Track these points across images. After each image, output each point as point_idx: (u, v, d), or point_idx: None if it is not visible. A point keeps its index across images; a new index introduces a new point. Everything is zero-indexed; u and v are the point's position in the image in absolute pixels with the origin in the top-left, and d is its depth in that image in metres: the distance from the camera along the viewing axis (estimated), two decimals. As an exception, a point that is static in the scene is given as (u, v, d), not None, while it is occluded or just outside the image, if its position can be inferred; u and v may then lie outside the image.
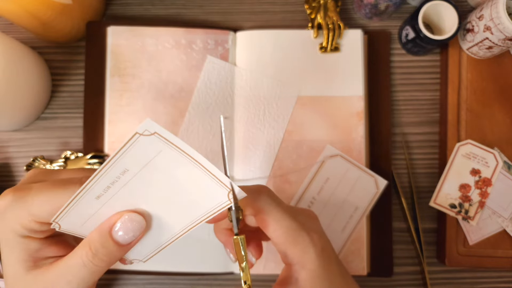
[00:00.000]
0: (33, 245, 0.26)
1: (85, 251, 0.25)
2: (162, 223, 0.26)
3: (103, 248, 0.25)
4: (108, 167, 0.23)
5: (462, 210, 0.48)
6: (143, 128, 0.21)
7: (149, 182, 0.24)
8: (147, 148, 0.22)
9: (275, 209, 0.28)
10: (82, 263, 0.25)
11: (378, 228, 0.48)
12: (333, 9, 0.50)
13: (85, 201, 0.24)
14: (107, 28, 0.49)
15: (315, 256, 0.27)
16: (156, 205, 0.26)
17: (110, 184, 0.24)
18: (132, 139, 0.22)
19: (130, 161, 0.23)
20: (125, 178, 0.24)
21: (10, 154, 0.50)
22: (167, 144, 0.22)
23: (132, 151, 0.22)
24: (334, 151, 0.48)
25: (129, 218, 0.25)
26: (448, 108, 0.49)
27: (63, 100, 0.51)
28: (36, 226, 0.25)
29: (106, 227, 0.25)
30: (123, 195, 0.25)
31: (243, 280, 0.25)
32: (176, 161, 0.23)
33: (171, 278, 0.49)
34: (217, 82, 0.49)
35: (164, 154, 0.23)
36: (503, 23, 0.42)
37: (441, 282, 0.50)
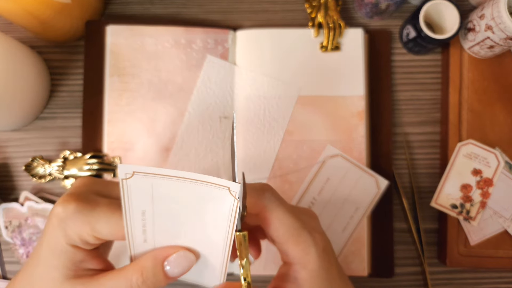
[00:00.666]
0: (79, 255, 0.26)
1: (136, 276, 0.26)
2: (205, 254, 0.27)
3: (153, 277, 0.26)
4: (128, 215, 0.24)
5: (463, 211, 0.47)
6: (123, 173, 0.22)
7: (168, 213, 0.25)
8: (140, 187, 0.23)
9: (277, 207, 0.27)
10: (130, 286, 0.26)
11: (378, 229, 0.48)
12: (334, 8, 0.50)
13: (138, 245, 0.25)
14: (106, 27, 0.49)
15: (317, 256, 0.27)
16: (190, 234, 0.26)
17: (143, 227, 0.25)
18: (123, 187, 0.23)
19: (139, 203, 0.24)
20: (148, 217, 0.25)
21: (9, 154, 0.50)
22: (151, 177, 0.23)
23: (132, 195, 0.23)
24: (335, 151, 0.48)
25: (183, 255, 0.26)
26: (449, 107, 0.49)
27: (62, 99, 0.51)
28: (92, 240, 0.26)
29: (161, 258, 0.26)
30: (160, 232, 0.25)
31: (243, 277, 0.25)
32: (171, 187, 0.24)
33: (171, 279, 0.48)
34: (217, 82, 0.49)
35: (157, 185, 0.23)
36: (505, 22, 0.42)
37: (442, 282, 0.49)
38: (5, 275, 0.48)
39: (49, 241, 0.26)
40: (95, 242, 0.26)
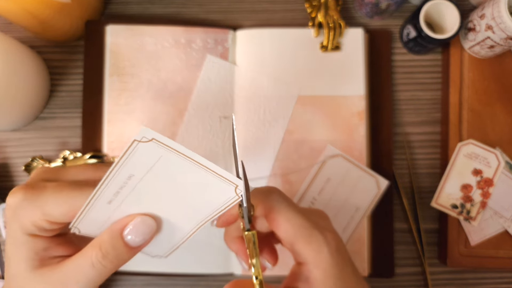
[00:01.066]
0: (40, 244, 0.26)
1: (95, 252, 0.25)
2: (172, 225, 0.27)
3: (113, 250, 0.25)
4: (114, 173, 0.23)
5: (463, 211, 0.47)
6: (141, 135, 0.22)
7: (155, 186, 0.24)
8: (148, 154, 0.23)
9: (286, 208, 0.27)
10: (91, 263, 0.25)
11: (379, 229, 0.48)
12: (334, 7, 0.49)
13: (99, 206, 0.24)
14: (106, 27, 0.48)
15: (329, 256, 0.26)
16: (165, 208, 0.26)
17: (119, 189, 0.24)
18: (131, 146, 0.22)
19: (134, 167, 0.23)
20: (132, 183, 0.24)
21: (9, 154, 0.50)
22: (166, 149, 0.23)
23: (134, 157, 0.23)
24: (335, 151, 0.48)
25: (141, 221, 0.25)
26: (449, 107, 0.49)
27: (61, 99, 0.51)
28: (47, 225, 0.25)
29: (117, 229, 0.25)
30: (132, 200, 0.25)
31: (255, 276, 0.25)
32: (178, 165, 0.23)
33: (171, 279, 0.48)
34: (216, 81, 0.48)
35: (165, 158, 0.23)
36: (505, 22, 0.42)
37: (442, 282, 0.49)
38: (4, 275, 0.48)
39: (9, 235, 0.26)
40: (51, 227, 0.26)
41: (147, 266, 0.47)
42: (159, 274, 0.47)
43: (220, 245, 0.47)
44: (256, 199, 0.27)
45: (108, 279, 0.48)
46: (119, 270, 0.48)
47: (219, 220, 0.29)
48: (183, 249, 0.46)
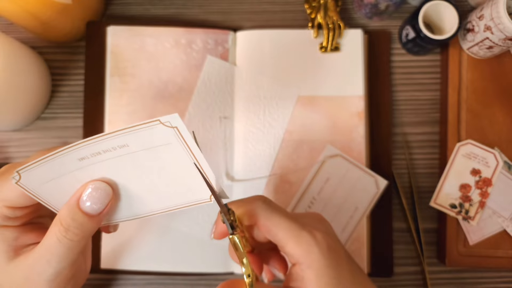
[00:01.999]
0: (9, 234, 0.26)
1: (58, 228, 0.25)
2: (140, 198, 0.27)
3: (74, 221, 0.25)
4: (112, 135, 0.23)
5: (462, 210, 0.48)
6: (167, 119, 0.22)
7: (141, 163, 0.24)
8: (159, 136, 0.23)
9: (271, 213, 0.28)
10: (57, 240, 0.25)
11: (378, 228, 0.48)
12: (333, 8, 0.50)
13: (65, 159, 0.24)
14: (107, 28, 0.49)
15: (321, 255, 0.27)
16: (138, 183, 0.26)
17: (102, 151, 0.24)
18: (150, 124, 0.22)
19: (135, 140, 0.23)
20: (120, 151, 0.24)
21: (10, 154, 0.50)
22: (179, 141, 0.23)
23: (143, 132, 0.23)
24: (335, 151, 0.48)
25: (94, 187, 0.25)
26: (448, 108, 0.49)
27: (63, 100, 0.51)
28: (8, 212, 0.25)
29: (73, 200, 0.25)
30: (107, 166, 0.25)
31: (246, 274, 0.25)
32: (178, 157, 0.24)
33: (171, 278, 0.49)
34: (217, 82, 0.49)
35: (171, 147, 0.23)
36: (504, 23, 0.42)
37: (441, 282, 0.50)
38: None
39: None
40: (15, 214, 0.26)
41: (147, 266, 0.47)
42: (160, 273, 0.47)
43: (220, 244, 0.47)
44: (241, 208, 0.27)
45: (108, 278, 0.49)
46: (119, 269, 0.49)
47: (215, 232, 0.29)
48: (184, 248, 0.47)
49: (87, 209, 0.25)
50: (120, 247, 0.47)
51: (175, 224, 0.47)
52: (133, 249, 0.47)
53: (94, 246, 0.46)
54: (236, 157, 0.48)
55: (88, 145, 0.23)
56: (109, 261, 0.47)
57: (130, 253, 0.47)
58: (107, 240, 0.47)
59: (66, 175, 0.25)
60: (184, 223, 0.47)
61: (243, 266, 0.25)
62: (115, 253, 0.47)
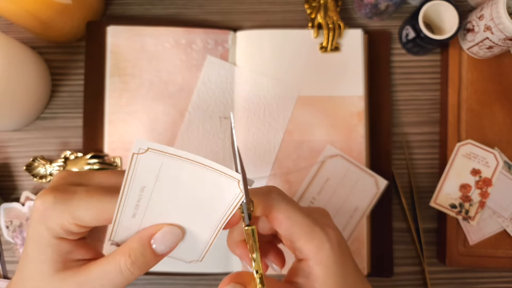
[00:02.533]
0: (65, 246, 0.26)
1: (125, 259, 0.26)
2: (192, 231, 0.27)
3: (142, 257, 0.26)
4: (126, 189, 0.24)
5: (462, 210, 0.48)
6: (137, 147, 0.23)
7: (168, 193, 0.25)
8: (149, 164, 0.23)
9: (286, 206, 0.28)
10: (119, 269, 0.26)
11: (378, 228, 0.48)
12: (333, 8, 0.50)
13: (125, 220, 0.25)
14: (107, 28, 0.49)
15: (331, 252, 0.27)
16: (183, 214, 0.27)
17: (137, 202, 0.25)
18: (132, 160, 0.23)
19: (142, 179, 0.24)
20: (146, 194, 0.25)
21: (10, 154, 0.50)
22: (163, 156, 0.23)
23: (138, 170, 0.24)
24: (334, 151, 0.48)
25: (169, 231, 0.26)
26: (448, 108, 0.49)
27: (62, 100, 0.51)
28: (75, 229, 0.26)
29: (146, 237, 0.26)
30: (152, 210, 0.26)
31: (255, 270, 0.25)
32: (180, 168, 0.24)
33: (171, 279, 0.49)
34: (217, 82, 0.49)
35: (166, 165, 0.24)
36: (504, 23, 0.42)
37: (441, 282, 0.50)
38: (6, 275, 0.49)
39: (33, 236, 0.26)
40: (79, 231, 0.26)
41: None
42: (160, 273, 0.47)
43: (220, 244, 0.47)
44: (256, 199, 0.27)
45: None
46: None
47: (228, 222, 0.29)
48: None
49: (156, 249, 0.26)
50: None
51: (175, 224, 0.47)
52: (133, 249, 0.47)
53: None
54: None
55: (123, 204, 0.25)
56: (109, 261, 0.47)
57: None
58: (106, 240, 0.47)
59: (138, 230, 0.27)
60: (184, 223, 0.47)
61: (253, 260, 0.25)
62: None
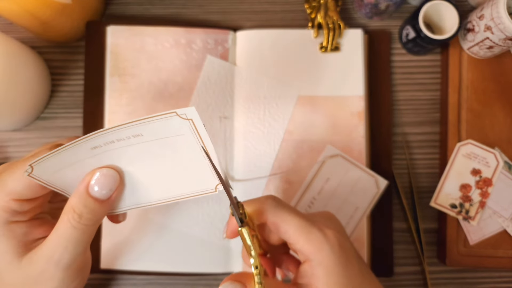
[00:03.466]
0: (19, 230, 0.26)
1: (71, 215, 0.26)
2: (147, 188, 0.27)
3: (85, 208, 0.26)
4: (128, 125, 0.24)
5: (462, 210, 0.48)
6: (183, 112, 0.23)
7: (152, 152, 0.25)
8: (173, 127, 0.24)
9: (281, 210, 0.28)
10: (71, 226, 0.26)
11: (378, 228, 0.48)
12: (333, 8, 0.50)
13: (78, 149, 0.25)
14: (107, 28, 0.49)
15: (331, 253, 0.27)
16: (147, 172, 0.27)
17: (116, 140, 0.24)
18: (166, 115, 0.23)
19: (150, 130, 0.24)
20: (133, 140, 0.25)
21: (10, 154, 0.50)
22: (192, 132, 0.24)
23: (159, 123, 0.23)
24: (335, 151, 0.48)
25: (101, 174, 0.26)
26: (448, 108, 0.49)
27: (62, 100, 0.51)
28: (16, 206, 0.26)
29: (82, 188, 0.26)
30: (117, 154, 0.25)
31: (254, 266, 0.25)
32: (188, 147, 0.24)
33: (171, 278, 0.49)
34: (217, 82, 0.49)
35: (184, 138, 0.24)
36: (504, 22, 0.42)
37: (441, 282, 0.50)
38: None
39: None
40: (22, 208, 0.26)
41: (147, 266, 0.47)
42: (160, 273, 0.47)
43: (220, 244, 0.47)
44: (251, 206, 0.28)
45: (108, 278, 0.49)
46: (119, 269, 0.49)
47: (227, 231, 0.29)
48: (184, 248, 0.47)
49: (96, 194, 0.26)
50: (119, 247, 0.47)
51: (175, 224, 0.47)
52: (133, 249, 0.47)
53: (94, 246, 0.46)
54: (236, 157, 0.48)
55: (102, 135, 0.24)
56: (109, 261, 0.47)
57: (130, 253, 0.47)
58: (106, 240, 0.47)
59: (78, 163, 0.26)
60: (184, 223, 0.47)
61: (251, 257, 0.25)
62: (115, 253, 0.47)
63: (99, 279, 0.48)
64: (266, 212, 0.28)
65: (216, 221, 0.47)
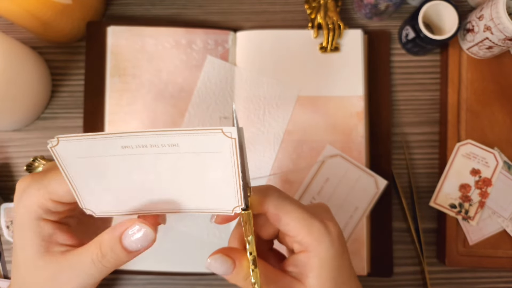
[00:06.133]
0: (47, 229, 0.27)
1: (96, 252, 0.26)
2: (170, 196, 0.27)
3: (112, 252, 0.26)
4: (167, 133, 0.23)
5: (462, 210, 0.48)
6: (229, 130, 0.22)
7: (183, 164, 0.24)
8: (214, 143, 0.23)
9: (283, 203, 0.28)
10: (91, 261, 0.26)
11: (378, 228, 0.48)
12: (333, 9, 0.50)
13: (109, 142, 0.23)
14: (107, 28, 0.49)
15: (330, 245, 0.27)
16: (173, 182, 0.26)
17: (150, 145, 0.24)
18: (211, 131, 0.22)
19: (188, 141, 0.23)
20: (167, 149, 0.24)
21: (10, 154, 0.50)
22: (231, 151, 0.23)
23: (200, 137, 0.23)
24: (334, 151, 0.48)
25: (139, 229, 0.26)
26: (448, 108, 0.49)
27: (63, 100, 0.51)
28: (52, 206, 0.26)
29: (117, 233, 0.26)
30: (147, 160, 0.24)
31: (249, 252, 0.25)
32: (222, 165, 0.24)
33: (171, 278, 0.49)
34: (217, 82, 0.49)
35: (220, 155, 0.23)
36: (503, 23, 0.42)
37: (441, 282, 0.50)
38: (6, 275, 0.49)
39: (17, 222, 0.26)
40: (57, 208, 0.26)
41: (147, 266, 0.47)
42: (160, 273, 0.47)
43: (220, 244, 0.47)
44: (253, 198, 0.27)
45: (109, 278, 0.49)
46: (119, 269, 0.49)
47: (218, 217, 0.29)
48: (184, 248, 0.47)
49: (127, 245, 0.26)
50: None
51: (175, 224, 0.47)
52: (133, 249, 0.47)
53: (94, 246, 0.46)
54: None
55: (137, 136, 0.23)
56: (109, 261, 0.47)
57: (130, 253, 0.47)
58: (107, 240, 0.47)
59: (103, 158, 0.25)
60: (184, 223, 0.47)
61: (247, 242, 0.25)
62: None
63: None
64: (268, 203, 0.28)
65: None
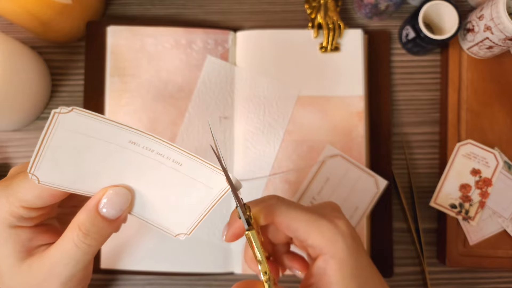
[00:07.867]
0: (24, 235, 0.26)
1: (76, 233, 0.25)
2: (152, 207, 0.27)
3: (93, 227, 0.25)
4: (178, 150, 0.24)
5: (462, 210, 0.48)
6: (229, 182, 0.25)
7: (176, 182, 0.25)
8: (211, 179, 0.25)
9: (287, 209, 0.27)
10: (74, 245, 0.25)
11: (378, 228, 0.48)
12: (333, 8, 0.50)
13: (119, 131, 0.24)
14: (107, 28, 0.49)
15: (344, 245, 0.26)
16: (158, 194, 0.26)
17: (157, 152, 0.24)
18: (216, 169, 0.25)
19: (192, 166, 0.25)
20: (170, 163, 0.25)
21: (10, 154, 0.50)
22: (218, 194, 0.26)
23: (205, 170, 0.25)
24: (334, 151, 0.48)
25: (114, 193, 0.25)
26: (448, 108, 0.49)
27: (62, 100, 0.51)
28: (24, 213, 0.25)
29: (92, 205, 0.25)
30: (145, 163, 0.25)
31: (263, 272, 0.25)
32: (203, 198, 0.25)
33: (171, 278, 0.49)
34: (217, 82, 0.49)
35: (208, 191, 0.25)
36: (503, 23, 0.42)
37: (441, 282, 0.50)
38: None
39: None
40: (30, 215, 0.26)
41: (147, 266, 0.47)
42: (159, 273, 0.47)
43: (220, 244, 0.47)
44: (256, 208, 0.27)
45: (108, 279, 0.49)
46: (119, 269, 0.49)
47: (228, 235, 0.29)
48: (183, 249, 0.47)
49: (106, 214, 0.25)
50: (120, 247, 0.47)
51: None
52: (133, 249, 0.47)
53: (94, 246, 0.46)
54: (236, 157, 0.48)
55: (151, 139, 0.24)
56: (109, 261, 0.47)
57: (130, 253, 0.47)
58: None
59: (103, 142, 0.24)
60: (184, 223, 0.47)
61: (259, 264, 0.25)
62: (115, 253, 0.47)
63: (99, 279, 0.48)
64: (273, 213, 0.27)
65: (216, 221, 0.47)
